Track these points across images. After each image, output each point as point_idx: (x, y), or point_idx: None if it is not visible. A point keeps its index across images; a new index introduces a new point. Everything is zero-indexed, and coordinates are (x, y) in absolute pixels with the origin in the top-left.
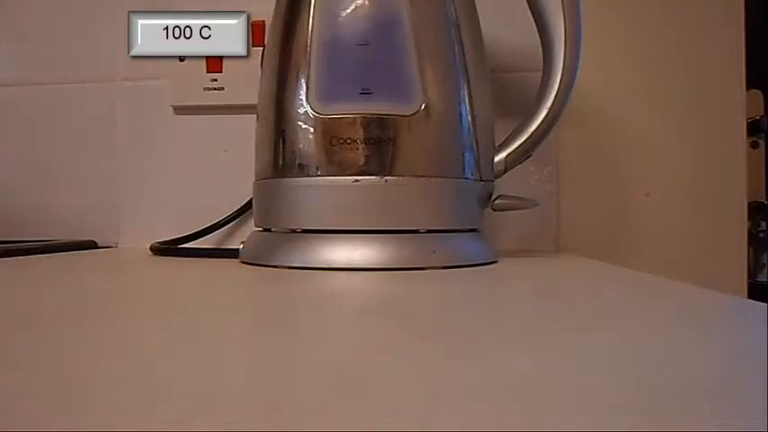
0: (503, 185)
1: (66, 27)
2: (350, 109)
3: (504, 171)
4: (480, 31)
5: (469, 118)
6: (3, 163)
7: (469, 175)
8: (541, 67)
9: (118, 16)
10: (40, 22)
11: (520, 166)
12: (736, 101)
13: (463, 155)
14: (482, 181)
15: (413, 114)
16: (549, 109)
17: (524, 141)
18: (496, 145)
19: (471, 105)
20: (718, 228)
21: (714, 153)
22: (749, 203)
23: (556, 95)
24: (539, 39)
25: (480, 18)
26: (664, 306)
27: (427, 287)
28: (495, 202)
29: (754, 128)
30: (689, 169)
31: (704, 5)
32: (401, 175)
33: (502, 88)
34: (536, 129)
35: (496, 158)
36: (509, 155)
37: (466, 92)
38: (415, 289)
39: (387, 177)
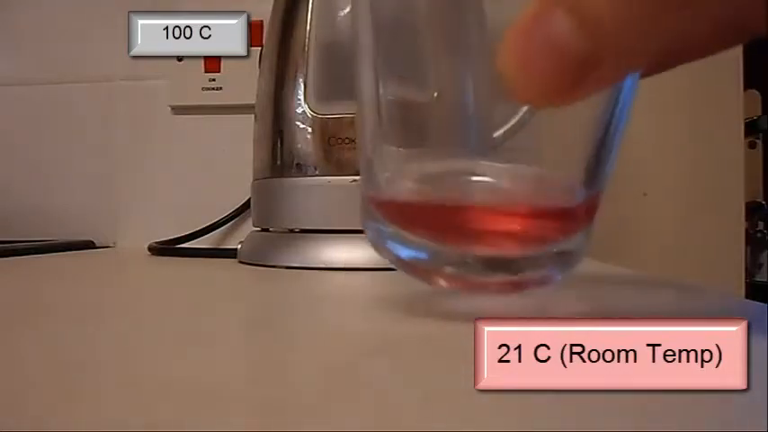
0: None
1: (65, 26)
2: (348, 109)
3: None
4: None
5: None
6: (0, 162)
7: None
8: None
9: (116, 16)
10: (38, 21)
11: None
12: (734, 101)
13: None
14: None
15: None
16: None
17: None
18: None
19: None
20: (715, 227)
21: (712, 153)
22: (746, 203)
23: None
24: None
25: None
26: (662, 306)
27: (427, 285)
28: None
29: (751, 128)
30: (686, 169)
31: None
32: None
33: None
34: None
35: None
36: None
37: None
38: (414, 288)
39: None
